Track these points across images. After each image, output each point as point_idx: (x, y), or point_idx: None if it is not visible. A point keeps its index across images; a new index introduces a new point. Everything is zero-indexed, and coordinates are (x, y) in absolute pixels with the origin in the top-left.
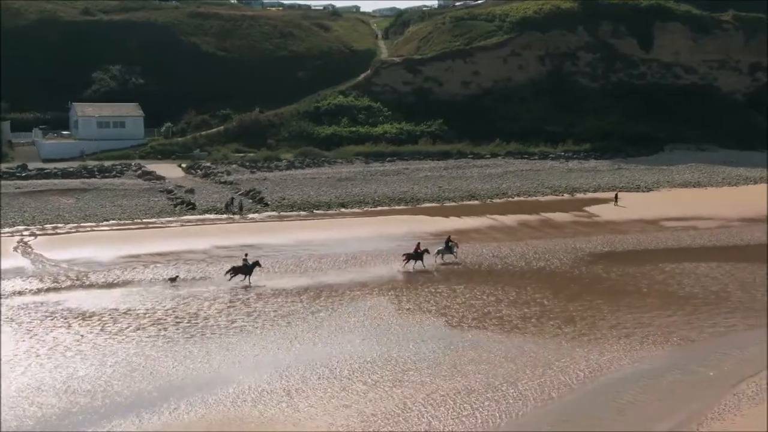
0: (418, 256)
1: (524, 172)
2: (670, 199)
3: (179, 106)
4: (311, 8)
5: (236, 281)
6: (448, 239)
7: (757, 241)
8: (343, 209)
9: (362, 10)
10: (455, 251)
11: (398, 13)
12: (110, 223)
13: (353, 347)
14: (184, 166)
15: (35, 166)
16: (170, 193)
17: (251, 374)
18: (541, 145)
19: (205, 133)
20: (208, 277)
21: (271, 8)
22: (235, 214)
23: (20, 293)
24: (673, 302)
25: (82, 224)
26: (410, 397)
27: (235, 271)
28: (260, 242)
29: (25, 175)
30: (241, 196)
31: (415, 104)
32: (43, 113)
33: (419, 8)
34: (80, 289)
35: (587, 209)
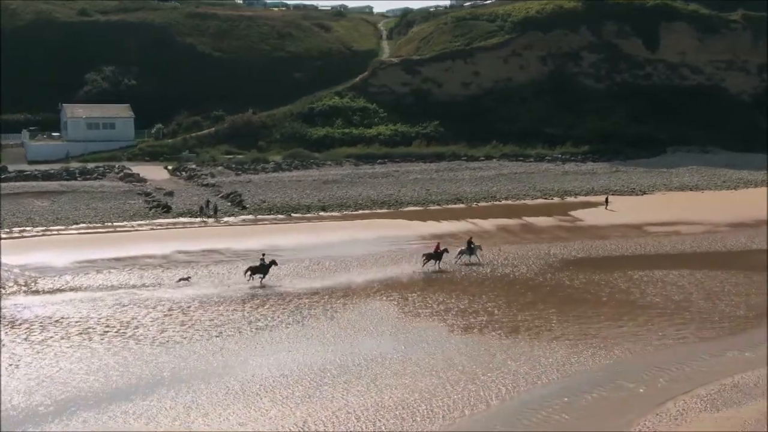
0: (437, 256)
1: (518, 174)
2: (662, 202)
3: (173, 107)
4: (318, 8)
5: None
6: (469, 241)
7: (740, 247)
8: (322, 213)
9: (376, 10)
10: (477, 253)
11: (403, 13)
12: (80, 226)
13: (277, 359)
14: (170, 168)
15: (18, 167)
16: (148, 195)
17: (157, 389)
18: (538, 147)
19: (195, 134)
20: (159, 283)
21: (274, 8)
22: (209, 217)
23: None
24: (628, 312)
25: (50, 227)
26: (313, 415)
27: (252, 270)
28: (225, 247)
29: (4, 177)
30: (220, 198)
31: (412, 105)
32: (35, 114)
33: (424, 9)
34: (23, 295)
35: (573, 213)
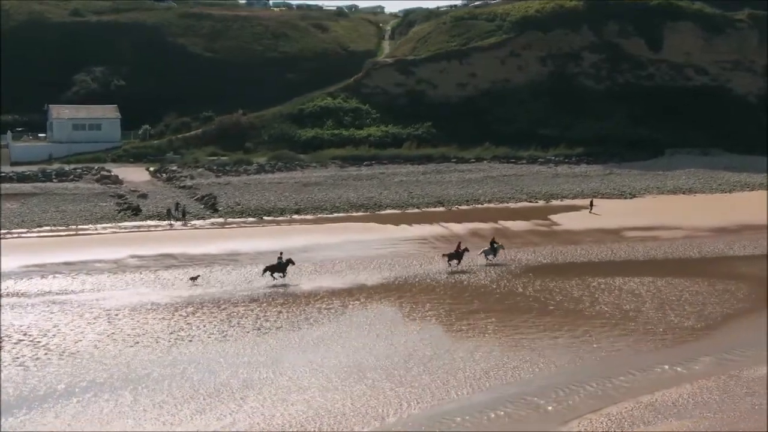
0: (458, 255)
1: (507, 177)
2: (649, 206)
3: (163, 108)
4: (322, 8)
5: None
6: (492, 240)
7: (715, 253)
8: (296, 216)
9: (388, 10)
10: (499, 252)
11: (406, 12)
12: (43, 229)
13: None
14: (151, 169)
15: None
16: (121, 198)
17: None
18: (532, 149)
19: (181, 135)
20: (99, 289)
21: (275, 8)
22: (178, 220)
23: None
24: (570, 322)
25: (12, 231)
26: None
27: (270, 269)
28: (181, 252)
29: None
30: (195, 201)
31: (406, 107)
32: (23, 115)
33: (426, 8)
34: None
35: (552, 217)
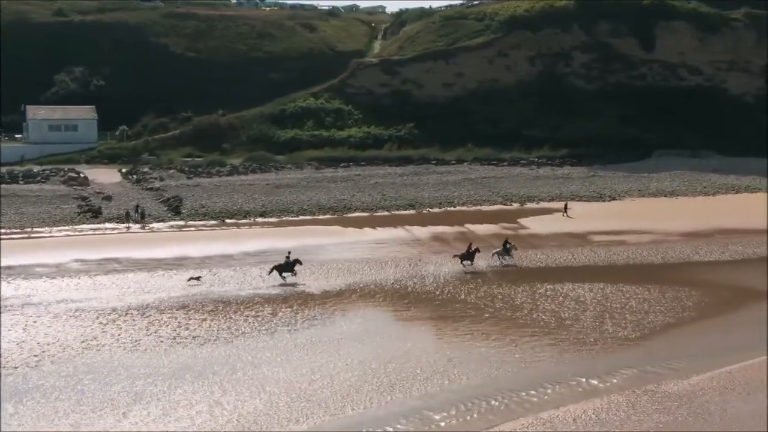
0: (470, 256)
1: (486, 179)
2: (626, 210)
3: (143, 108)
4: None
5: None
6: (505, 242)
7: (679, 259)
8: (260, 219)
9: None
10: (512, 254)
11: (398, 12)
12: None
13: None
14: (123, 171)
15: None
16: (84, 199)
17: None
18: (515, 150)
19: (158, 136)
20: (31, 294)
21: (266, 8)
22: (137, 223)
23: None
24: (501, 330)
25: None
26: None
27: (277, 269)
28: (126, 256)
29: None
30: (160, 203)
31: (390, 107)
32: (2, 116)
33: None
34: None
35: (522, 221)
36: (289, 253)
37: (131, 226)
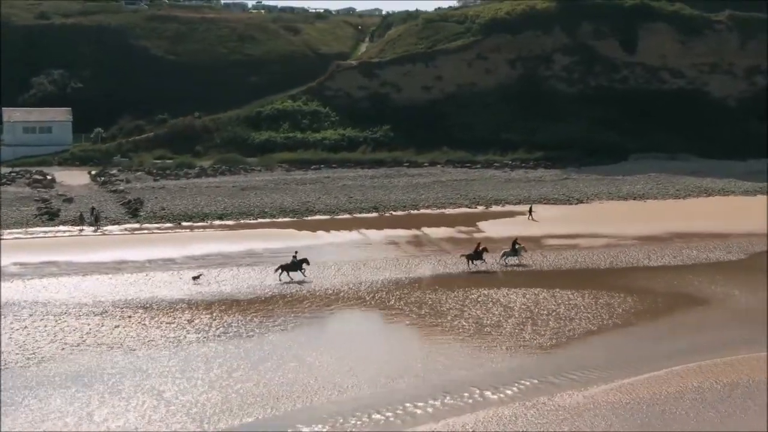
0: (477, 256)
1: (456, 182)
2: (591, 213)
3: (120, 110)
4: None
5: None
6: (514, 242)
7: (628, 263)
8: (218, 221)
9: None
10: (521, 254)
11: (385, 15)
12: None
13: None
14: (93, 173)
15: None
16: (45, 202)
17: None
18: (490, 153)
19: (132, 139)
20: None
21: (253, 11)
22: (91, 225)
23: None
24: (417, 339)
25: None
26: None
27: (283, 268)
28: (66, 260)
29: None
30: (121, 205)
31: (368, 110)
32: None
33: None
34: None
35: (480, 224)
36: (296, 253)
37: (84, 228)
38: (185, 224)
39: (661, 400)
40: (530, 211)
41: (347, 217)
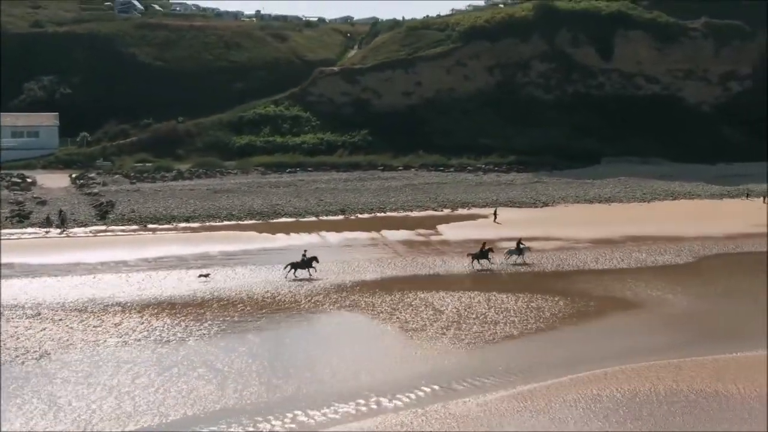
0: (483, 255)
1: (428, 185)
2: (554, 216)
3: (107, 116)
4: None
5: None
6: (519, 242)
7: (574, 267)
8: (184, 224)
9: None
10: (525, 254)
11: (373, 23)
12: None
13: None
14: (73, 176)
15: None
16: (20, 204)
17: None
18: (464, 157)
19: (116, 143)
20: None
21: (245, 19)
22: (58, 227)
23: None
24: (336, 343)
25: None
26: None
27: (293, 266)
28: (22, 261)
29: None
30: (93, 207)
31: (350, 115)
32: None
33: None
34: None
35: (440, 227)
36: (305, 251)
37: (51, 230)
38: (151, 226)
39: (554, 408)
40: (495, 213)
41: (313, 219)
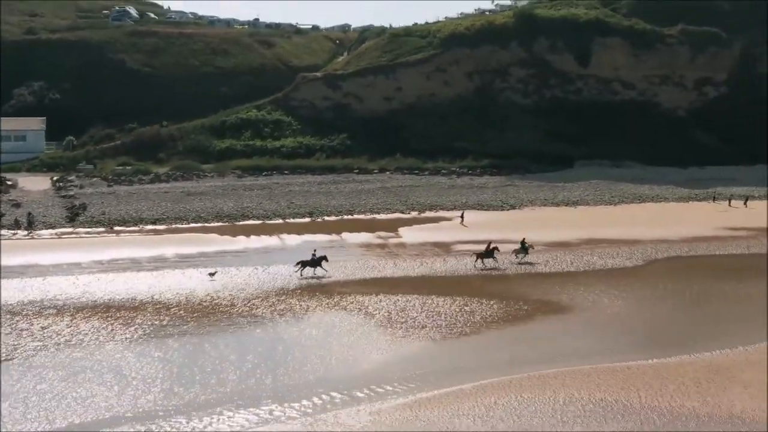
0: (488, 254)
1: (401, 188)
2: (518, 219)
3: (94, 120)
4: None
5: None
6: (523, 241)
7: (522, 270)
8: (151, 226)
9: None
10: (530, 252)
11: (361, 30)
12: None
13: None
14: (54, 179)
15: None
16: None
17: None
18: (440, 160)
19: (100, 146)
20: None
21: (237, 27)
22: (26, 229)
23: None
24: (254, 350)
25: None
26: None
27: (303, 264)
28: None
29: None
30: (65, 209)
31: (332, 120)
32: None
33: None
34: None
35: (401, 230)
36: (315, 251)
37: (18, 232)
38: (117, 228)
39: (445, 418)
40: (462, 216)
41: (279, 222)
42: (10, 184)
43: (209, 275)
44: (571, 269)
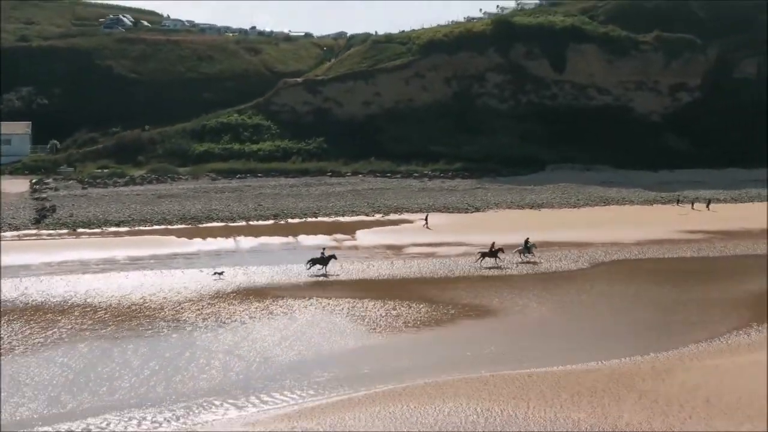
0: (492, 254)
1: (370, 190)
2: (479, 221)
3: (80, 125)
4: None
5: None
6: (526, 240)
7: (466, 273)
8: (115, 228)
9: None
10: (533, 251)
11: (348, 37)
12: None
13: None
14: (33, 181)
15: None
16: None
17: None
18: (414, 163)
19: (82, 150)
20: None
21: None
22: None
23: None
24: (163, 356)
25: None
26: None
27: (313, 261)
28: None
29: None
30: (34, 211)
31: (311, 123)
32: None
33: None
34: None
35: (358, 232)
36: (324, 249)
37: None
38: (80, 231)
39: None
40: (426, 219)
41: (242, 224)
42: None
43: (216, 274)
44: (512, 273)
